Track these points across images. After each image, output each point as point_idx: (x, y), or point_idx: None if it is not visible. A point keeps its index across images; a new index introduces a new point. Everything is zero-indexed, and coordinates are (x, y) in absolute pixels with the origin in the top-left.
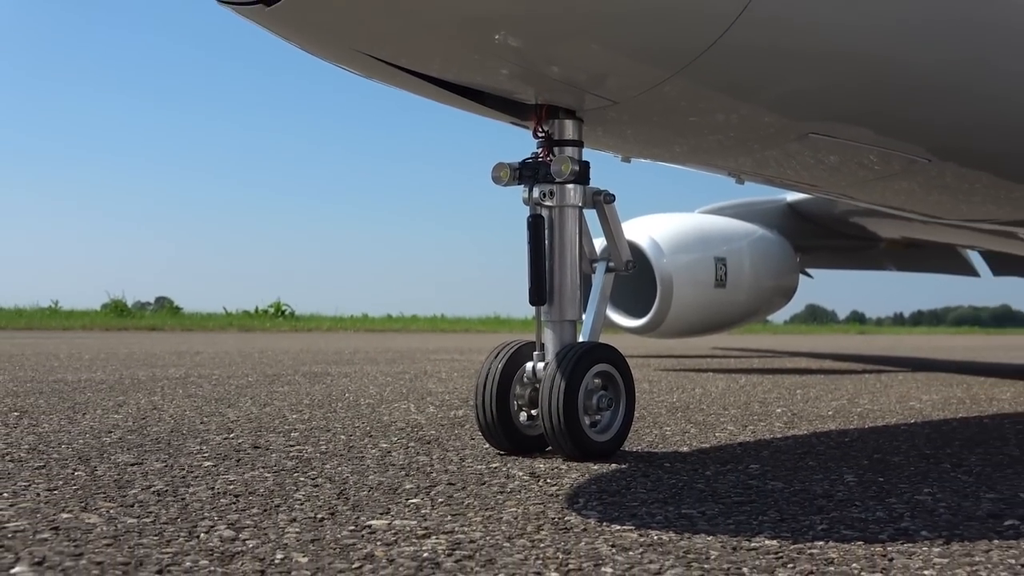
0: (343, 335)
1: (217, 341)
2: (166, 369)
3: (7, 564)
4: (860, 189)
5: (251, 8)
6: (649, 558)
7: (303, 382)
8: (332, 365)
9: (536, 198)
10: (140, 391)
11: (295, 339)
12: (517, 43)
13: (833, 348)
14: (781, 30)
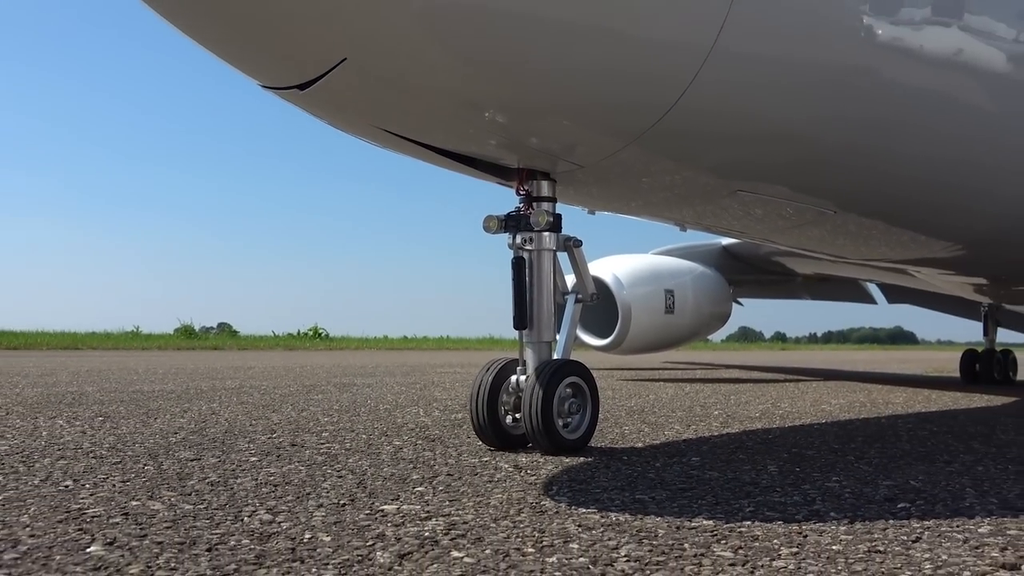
0: (368, 353)
1: (266, 358)
2: (224, 381)
3: (84, 544)
4: (780, 235)
5: (288, 92)
6: (608, 536)
7: (334, 391)
8: (358, 377)
9: (518, 243)
10: (202, 399)
11: (329, 356)
12: (503, 121)
13: (760, 362)
14: (709, 115)
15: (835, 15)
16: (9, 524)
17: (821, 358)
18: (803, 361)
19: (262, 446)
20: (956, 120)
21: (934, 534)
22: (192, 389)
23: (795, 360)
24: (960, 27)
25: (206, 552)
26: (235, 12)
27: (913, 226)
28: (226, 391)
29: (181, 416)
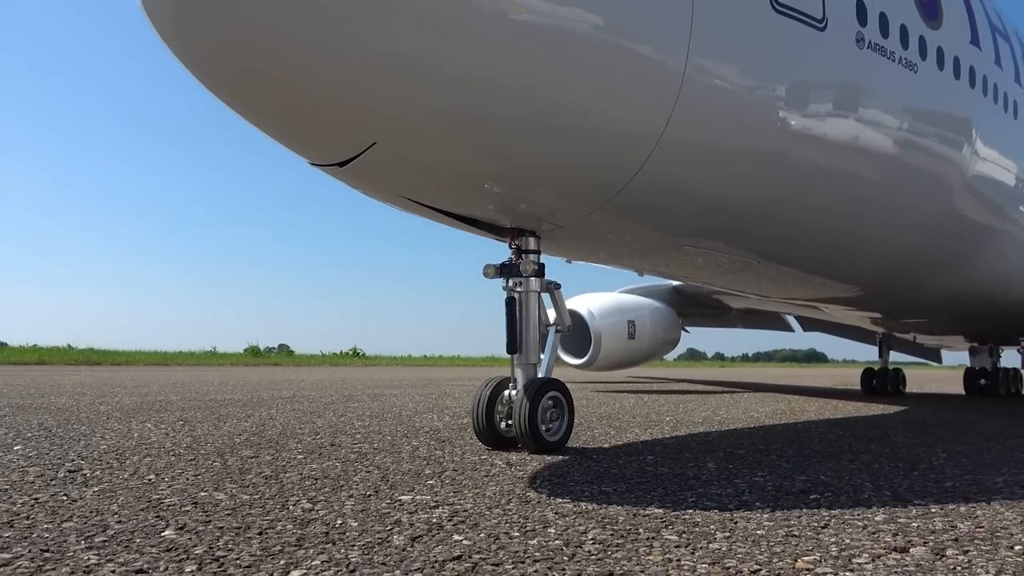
0: (396, 369)
1: (315, 373)
2: (280, 391)
3: (160, 528)
4: (716, 280)
5: (330, 168)
6: (579, 522)
7: (367, 400)
8: (387, 389)
9: (510, 287)
10: (262, 407)
11: (365, 372)
12: (500, 192)
13: (704, 376)
14: (659, 188)
15: (756, 111)
16: (101, 512)
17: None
18: (738, 376)
19: (308, 446)
20: (851, 192)
21: (839, 521)
22: (255, 398)
23: (732, 375)
24: (855, 118)
25: (257, 536)
26: (290, 109)
27: (820, 273)
28: (282, 400)
29: (245, 420)
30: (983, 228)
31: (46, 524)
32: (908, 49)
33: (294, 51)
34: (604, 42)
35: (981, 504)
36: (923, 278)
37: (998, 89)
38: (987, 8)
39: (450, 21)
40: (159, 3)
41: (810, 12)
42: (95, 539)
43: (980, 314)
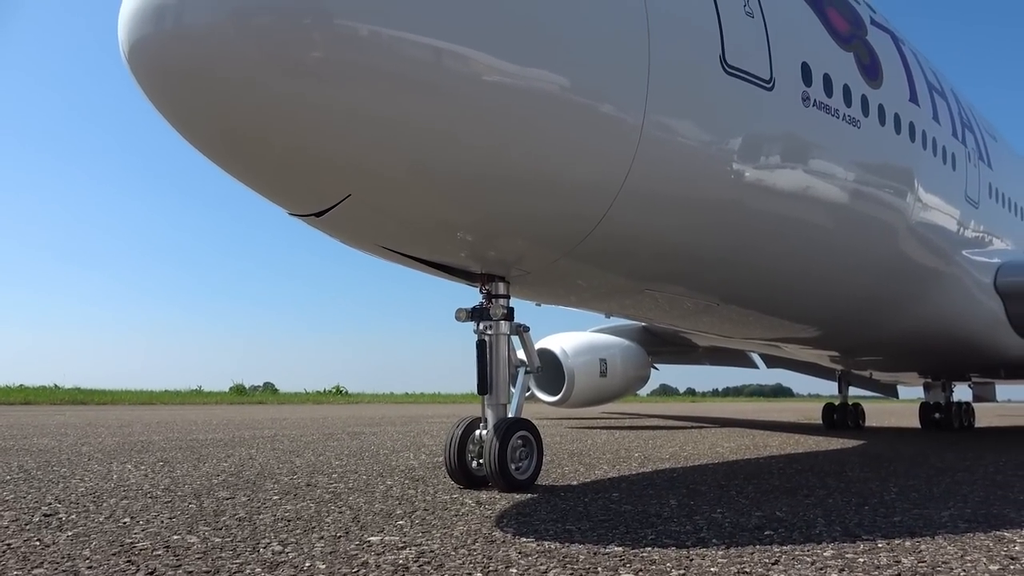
0: (377, 406)
1: (298, 412)
2: (262, 430)
3: (131, 573)
4: (680, 321)
5: (308, 218)
6: (541, 561)
7: (346, 439)
8: (367, 427)
9: (481, 330)
10: (243, 446)
11: (347, 409)
12: (470, 240)
13: (675, 412)
14: (620, 236)
15: (711, 164)
16: (73, 557)
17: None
18: (707, 411)
19: (284, 486)
20: (803, 238)
21: (789, 557)
22: (237, 438)
23: (701, 410)
24: (803, 170)
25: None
26: (267, 163)
27: (778, 314)
28: (263, 439)
29: (225, 460)
30: (928, 271)
31: (16, 571)
32: (851, 107)
33: (271, 109)
34: (567, 101)
35: (926, 539)
36: (875, 319)
37: (936, 143)
38: (924, 69)
39: (421, 81)
40: (144, 61)
41: (758, 73)
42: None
43: (930, 352)
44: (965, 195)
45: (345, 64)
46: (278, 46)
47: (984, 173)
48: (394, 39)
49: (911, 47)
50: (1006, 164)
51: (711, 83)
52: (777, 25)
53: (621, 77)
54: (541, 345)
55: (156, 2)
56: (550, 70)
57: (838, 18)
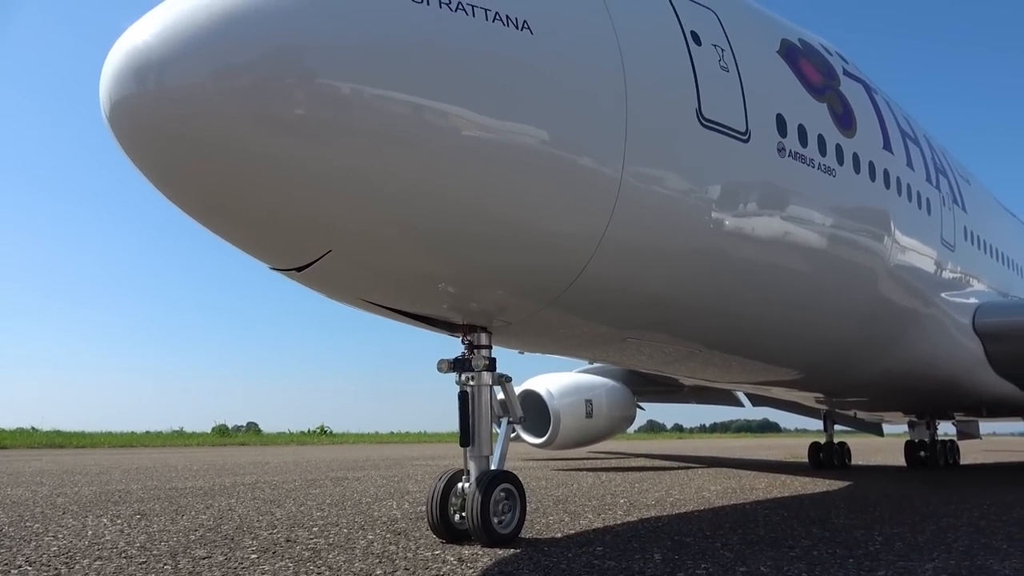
0: (362, 447)
1: (281, 454)
2: (244, 477)
3: None
4: (662, 367)
5: (289, 272)
6: None
7: (330, 485)
8: (350, 471)
9: (463, 381)
10: (223, 495)
11: (331, 451)
12: (452, 293)
13: (663, 450)
14: (601, 287)
15: (690, 214)
16: None
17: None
18: (695, 449)
19: (263, 543)
20: (783, 285)
21: None
22: (217, 486)
23: (689, 448)
24: (781, 218)
25: None
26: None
27: (761, 359)
28: (244, 487)
29: (204, 512)
30: (908, 314)
31: None
32: (826, 156)
33: (252, 167)
34: (546, 156)
35: None
36: (857, 361)
37: (911, 188)
38: (897, 116)
39: (402, 139)
40: (125, 121)
41: (734, 126)
42: None
43: (912, 393)
44: (941, 238)
45: (327, 122)
46: (260, 105)
47: (959, 216)
48: (375, 97)
49: (884, 95)
50: (980, 206)
51: (688, 136)
52: (752, 78)
53: (599, 132)
54: (527, 387)
55: (138, 62)
56: (529, 126)
57: (811, 70)
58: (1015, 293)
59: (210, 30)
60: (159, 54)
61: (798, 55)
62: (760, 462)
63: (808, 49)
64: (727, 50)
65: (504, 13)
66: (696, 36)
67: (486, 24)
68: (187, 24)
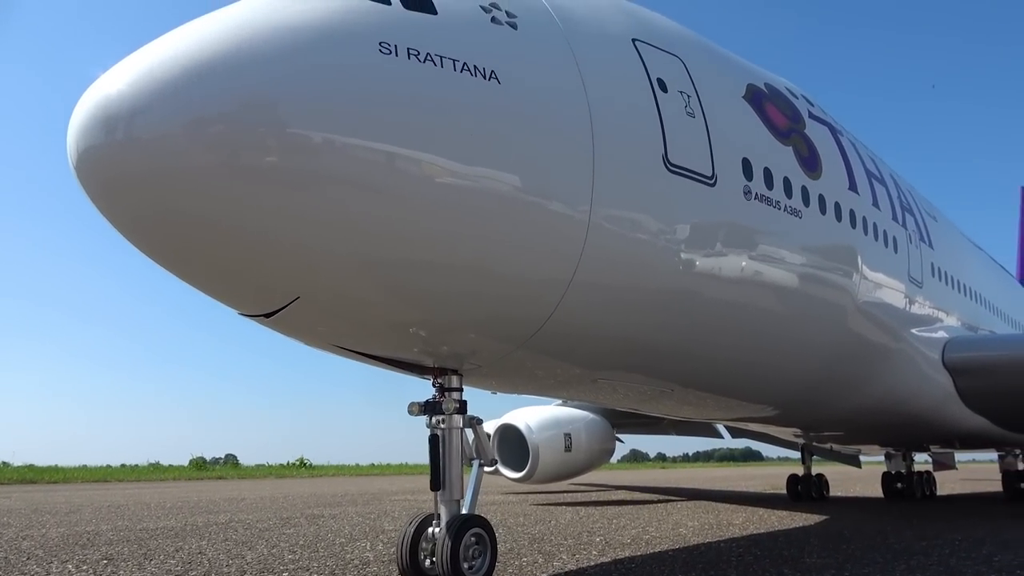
0: (342, 480)
1: (258, 488)
2: (217, 516)
3: None
4: (635, 405)
5: (257, 318)
6: None
7: (304, 524)
8: (327, 508)
9: (433, 424)
10: (194, 535)
11: (310, 485)
12: (424, 337)
13: (644, 481)
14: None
15: (657, 257)
16: None
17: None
18: (676, 480)
19: None
20: (753, 324)
21: None
22: (189, 525)
23: (671, 479)
24: (748, 259)
25: None
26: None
27: (735, 397)
28: (217, 526)
29: (173, 556)
30: (878, 351)
31: None
32: (792, 198)
33: (220, 217)
34: (515, 201)
35: None
36: (829, 398)
37: (877, 227)
38: (863, 157)
39: (371, 186)
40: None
41: (700, 170)
42: None
43: (886, 427)
44: (908, 276)
45: (296, 172)
46: (231, 155)
47: (926, 253)
48: (345, 147)
49: (850, 136)
50: (948, 243)
51: (655, 181)
52: (718, 124)
53: (567, 178)
54: (506, 420)
55: (108, 111)
56: (497, 173)
57: (777, 114)
58: (985, 327)
59: (181, 81)
60: (130, 104)
61: (764, 99)
62: (740, 494)
63: (774, 93)
64: (693, 96)
65: (472, 63)
66: (663, 83)
67: (454, 74)
68: (158, 74)
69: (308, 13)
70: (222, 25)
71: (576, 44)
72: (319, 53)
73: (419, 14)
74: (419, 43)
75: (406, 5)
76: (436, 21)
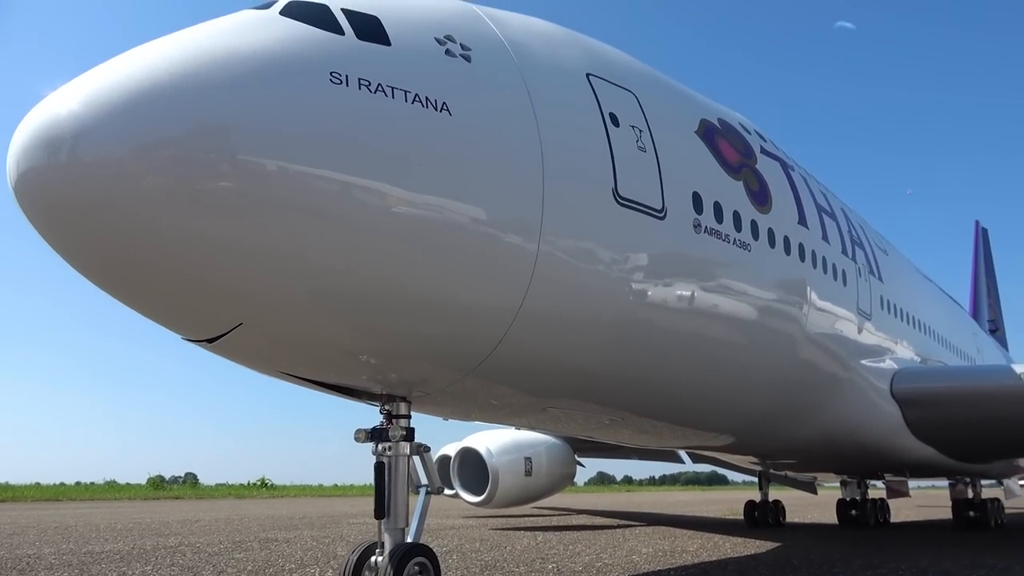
0: (303, 501)
1: (215, 509)
2: (167, 539)
3: None
4: (588, 433)
5: (201, 343)
6: None
7: (256, 548)
8: (283, 531)
9: (380, 451)
10: (140, 560)
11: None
12: (372, 364)
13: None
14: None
15: (607, 288)
16: None
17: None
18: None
19: None
20: (702, 355)
21: None
22: (137, 549)
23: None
24: (697, 291)
25: None
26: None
27: (687, 426)
28: (165, 550)
29: None
30: (827, 382)
31: None
32: (741, 232)
33: (164, 241)
34: (464, 230)
35: None
36: (781, 428)
37: (826, 261)
38: (814, 191)
39: (319, 216)
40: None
41: (650, 204)
42: None
43: (839, 456)
44: (857, 308)
45: (243, 198)
46: (177, 180)
47: (875, 286)
48: (293, 174)
49: (801, 171)
50: (898, 276)
51: (604, 214)
52: (669, 158)
53: (516, 209)
54: (466, 444)
55: (52, 132)
56: (446, 203)
57: (728, 149)
58: (934, 359)
59: (130, 104)
60: (75, 125)
61: (716, 134)
62: (698, 519)
63: (727, 128)
64: (645, 131)
65: (424, 95)
66: (615, 118)
67: (405, 105)
68: (106, 96)
69: (260, 41)
70: (174, 49)
71: (530, 78)
72: (269, 81)
73: (373, 45)
74: (370, 74)
75: (360, 36)
76: (389, 52)
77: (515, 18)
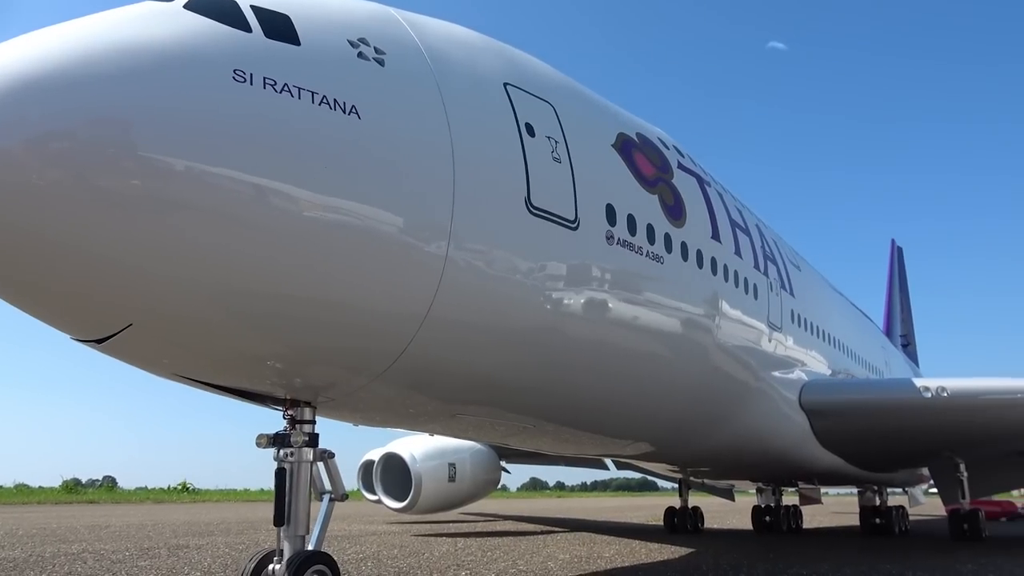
0: (225, 506)
1: (130, 514)
2: (70, 545)
3: None
4: (502, 440)
5: (89, 343)
6: None
7: (164, 556)
8: (196, 538)
9: (281, 457)
10: (35, 568)
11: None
12: (276, 368)
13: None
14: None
15: (516, 296)
16: None
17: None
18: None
19: None
20: (611, 366)
21: None
22: (35, 556)
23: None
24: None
25: None
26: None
27: (599, 433)
28: (65, 557)
29: None
30: (737, 392)
31: None
32: (654, 244)
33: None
34: (370, 234)
35: None
36: (693, 437)
37: (738, 275)
38: (729, 208)
39: (216, 215)
40: None
41: (563, 214)
42: None
43: (751, 465)
44: (768, 321)
45: (138, 194)
46: (67, 173)
47: (786, 300)
48: (191, 170)
49: (718, 187)
50: (810, 291)
51: (515, 222)
52: (584, 170)
53: (425, 214)
54: (390, 449)
55: None
56: (352, 206)
57: (645, 163)
58: (844, 372)
59: (21, 94)
60: None
61: (633, 148)
62: (621, 526)
63: (644, 143)
64: (561, 142)
65: (332, 97)
66: (531, 128)
67: (311, 107)
68: None
69: (162, 34)
70: (69, 38)
71: (445, 85)
72: (169, 74)
73: (281, 44)
74: (277, 73)
75: (268, 34)
76: (297, 52)
77: (434, 24)
